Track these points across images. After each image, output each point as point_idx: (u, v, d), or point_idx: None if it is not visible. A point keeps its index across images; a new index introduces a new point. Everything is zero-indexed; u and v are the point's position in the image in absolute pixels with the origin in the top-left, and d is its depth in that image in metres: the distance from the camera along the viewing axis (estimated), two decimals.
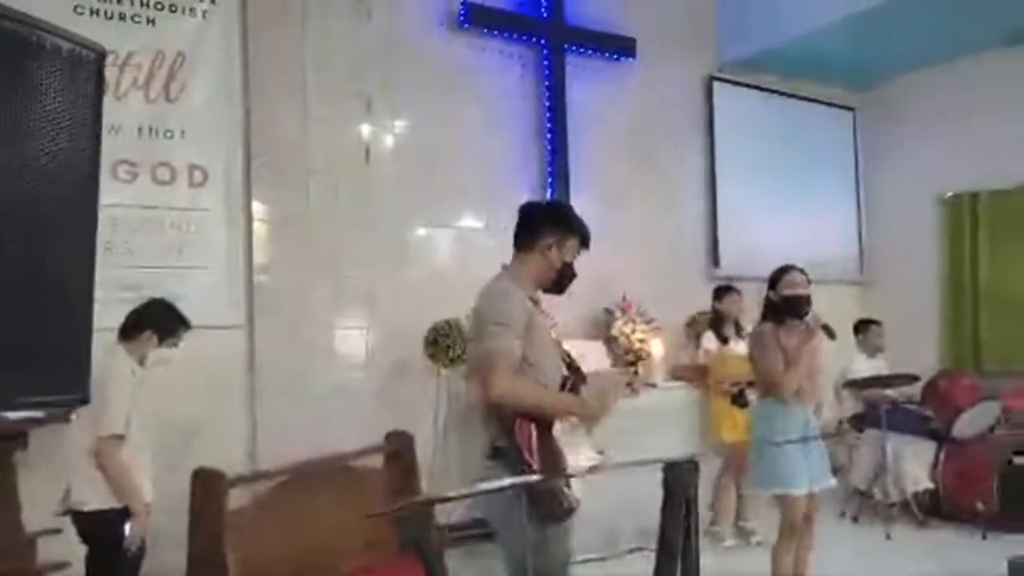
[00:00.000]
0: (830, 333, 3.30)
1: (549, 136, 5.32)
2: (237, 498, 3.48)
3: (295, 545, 3.49)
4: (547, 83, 5.33)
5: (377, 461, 4.15)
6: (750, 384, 4.52)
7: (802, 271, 3.38)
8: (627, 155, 5.74)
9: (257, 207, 4.36)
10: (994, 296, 6.12)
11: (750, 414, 4.55)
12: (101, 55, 1.23)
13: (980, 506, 4.75)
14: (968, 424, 4.99)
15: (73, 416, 2.92)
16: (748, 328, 4.82)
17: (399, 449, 4.20)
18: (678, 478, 1.91)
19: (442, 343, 4.39)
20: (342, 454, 3.98)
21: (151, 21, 4.12)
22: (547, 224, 2.42)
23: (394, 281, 4.73)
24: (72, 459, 2.91)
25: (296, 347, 4.40)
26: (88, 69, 1.21)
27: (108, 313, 3.10)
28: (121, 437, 2.84)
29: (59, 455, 3.10)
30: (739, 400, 4.59)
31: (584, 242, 2.45)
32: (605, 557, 4.18)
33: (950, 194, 6.43)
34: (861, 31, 5.72)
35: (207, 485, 3.28)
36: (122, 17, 4.04)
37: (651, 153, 5.89)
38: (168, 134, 4.12)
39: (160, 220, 4.06)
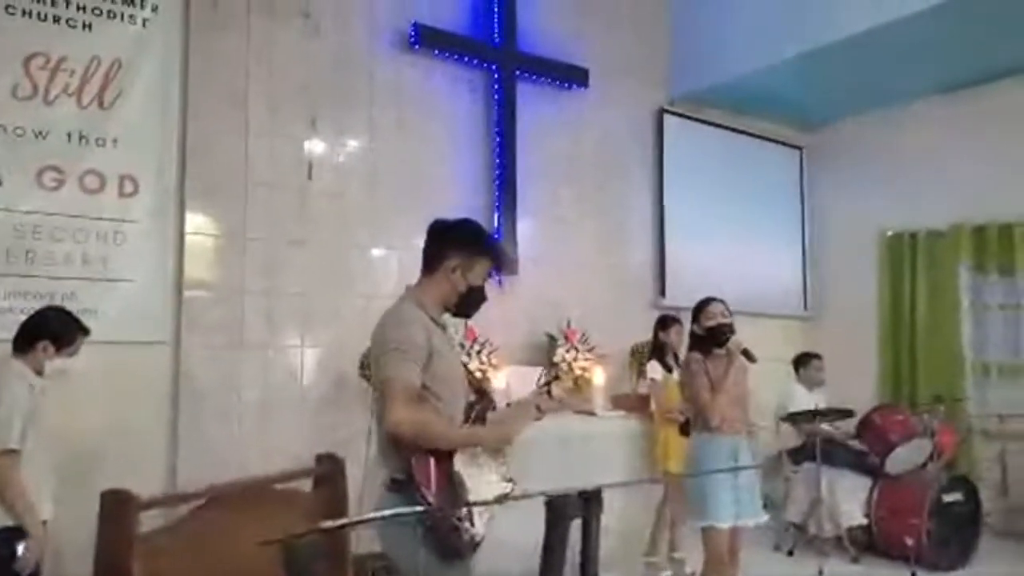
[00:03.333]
0: (749, 357, 3.36)
1: (498, 160, 5.31)
2: (152, 520, 3.34)
3: (210, 572, 3.34)
4: (497, 108, 5.33)
5: (306, 485, 4.03)
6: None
7: (722, 301, 3.47)
8: (576, 183, 5.76)
9: (191, 220, 4.24)
10: (928, 333, 6.25)
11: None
12: None
13: (910, 542, 4.79)
14: (901, 460, 5.05)
15: None
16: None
17: (329, 472, 4.08)
18: (561, 513, 1.84)
19: None
20: (268, 476, 3.84)
21: (87, 26, 4.01)
22: (452, 245, 2.31)
23: (332, 300, 4.64)
24: None
25: (226, 365, 4.27)
26: None
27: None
28: (16, 452, 2.70)
29: None
30: (685, 429, 4.57)
31: (497, 263, 2.37)
32: None
33: (890, 233, 6.59)
34: (809, 72, 5.87)
35: (115, 506, 3.10)
36: (56, 20, 3.93)
37: (600, 182, 5.93)
38: (100, 142, 4.00)
39: (85, 230, 3.92)
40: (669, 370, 4.78)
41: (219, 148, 4.32)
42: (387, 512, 1.86)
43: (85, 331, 3.04)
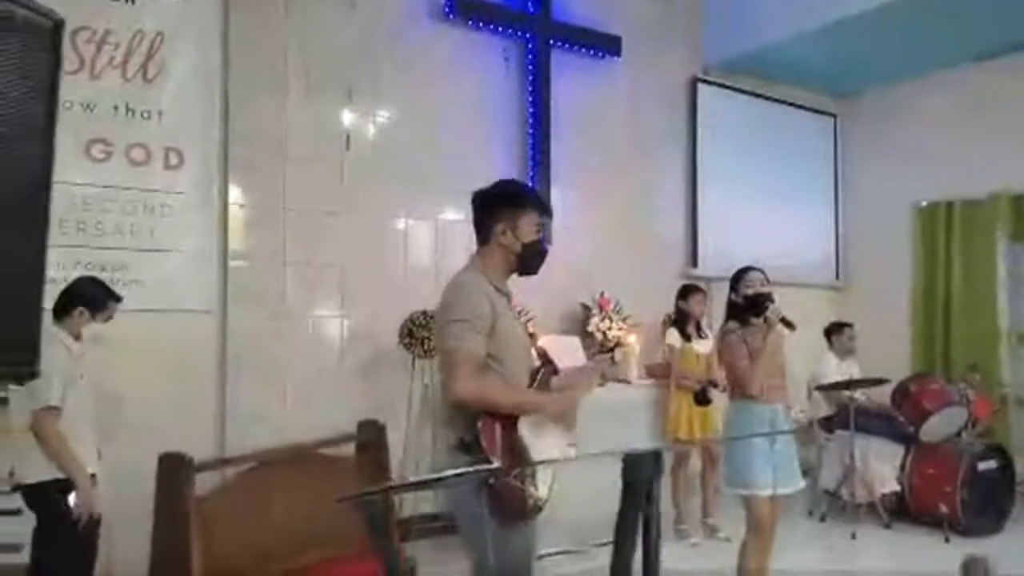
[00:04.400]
0: (789, 325, 3.33)
1: (532, 130, 5.32)
2: (203, 484, 3.47)
3: (261, 533, 3.46)
4: (531, 77, 5.33)
5: (348, 450, 4.14)
6: (711, 383, 4.58)
7: (760, 271, 3.44)
8: (609, 152, 5.75)
9: (234, 192, 4.32)
10: (964, 304, 6.20)
11: (710, 412, 4.61)
12: (58, 24, 1.20)
13: (944, 509, 4.83)
14: (935, 428, 5.06)
15: (7, 395, 2.95)
16: (710, 329, 4.87)
17: (370, 439, 4.18)
18: (637, 469, 1.90)
19: (417, 334, 4.38)
20: (312, 442, 3.95)
21: (130, 0, 4.06)
22: (495, 209, 2.31)
23: (371, 271, 4.71)
24: (12, 437, 2.94)
25: (270, 334, 4.38)
26: (43, 38, 1.18)
27: None
28: (56, 409, 2.87)
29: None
30: (700, 397, 4.62)
31: (542, 212, 2.36)
32: (572, 551, 4.20)
33: (925, 203, 6.51)
34: (843, 39, 5.78)
35: (172, 470, 3.24)
36: None
37: (633, 151, 5.91)
38: (145, 114, 4.07)
39: (133, 201, 4.01)
40: (688, 339, 4.81)
41: (259, 120, 4.38)
42: (458, 471, 1.91)
43: (117, 298, 3.18)
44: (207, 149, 4.22)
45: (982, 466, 4.95)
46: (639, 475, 1.93)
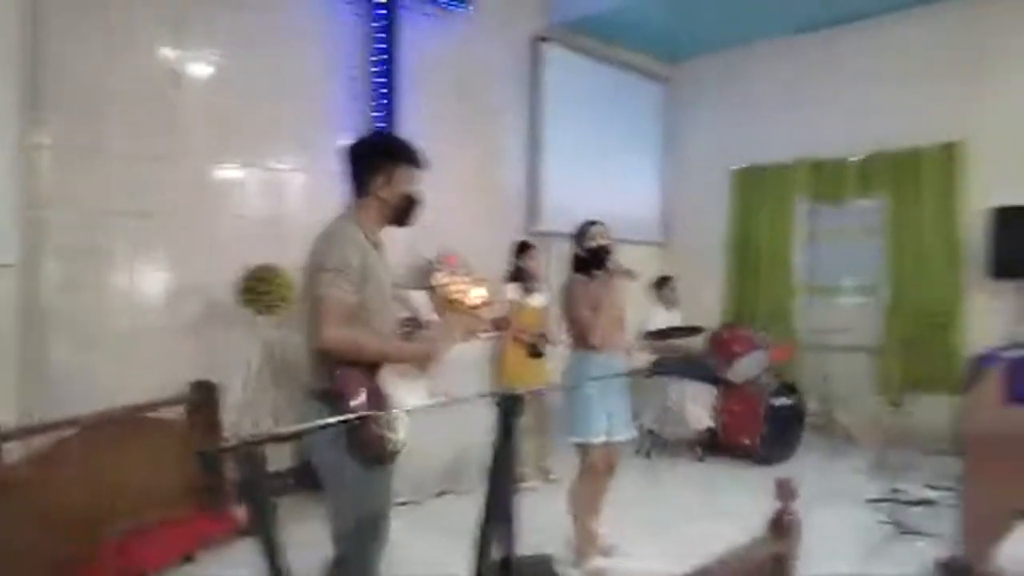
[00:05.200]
0: (630, 275, 3.53)
1: (377, 80, 5.18)
2: (10, 453, 3.17)
3: (86, 499, 3.25)
4: (377, 24, 5.16)
5: (178, 412, 3.93)
6: (542, 336, 4.82)
7: (602, 224, 3.59)
8: (455, 106, 5.75)
9: (39, 133, 3.85)
10: (769, 260, 6.93)
11: (543, 364, 4.86)
12: None
13: (748, 442, 5.47)
14: (741, 370, 5.69)
15: None
16: (544, 284, 5.08)
17: (203, 400, 4.01)
18: (511, 408, 2.05)
19: (260, 289, 4.19)
20: (136, 405, 3.73)
21: None
22: (373, 161, 2.32)
23: (204, 221, 4.43)
24: None
25: (86, 289, 4.01)
26: None
27: None
28: None
29: None
30: (533, 350, 4.86)
31: (419, 165, 2.37)
32: (410, 501, 4.31)
33: (740, 166, 7.13)
34: (677, 4, 6.12)
35: None
36: None
37: (479, 106, 5.94)
38: None
39: None
40: (526, 293, 5.01)
41: (74, 54, 3.90)
42: (319, 422, 1.92)
43: None
44: (5, 82, 3.71)
45: (778, 402, 5.64)
46: (512, 413, 2.07)
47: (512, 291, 4.98)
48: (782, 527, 1.51)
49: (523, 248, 5.10)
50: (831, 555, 3.53)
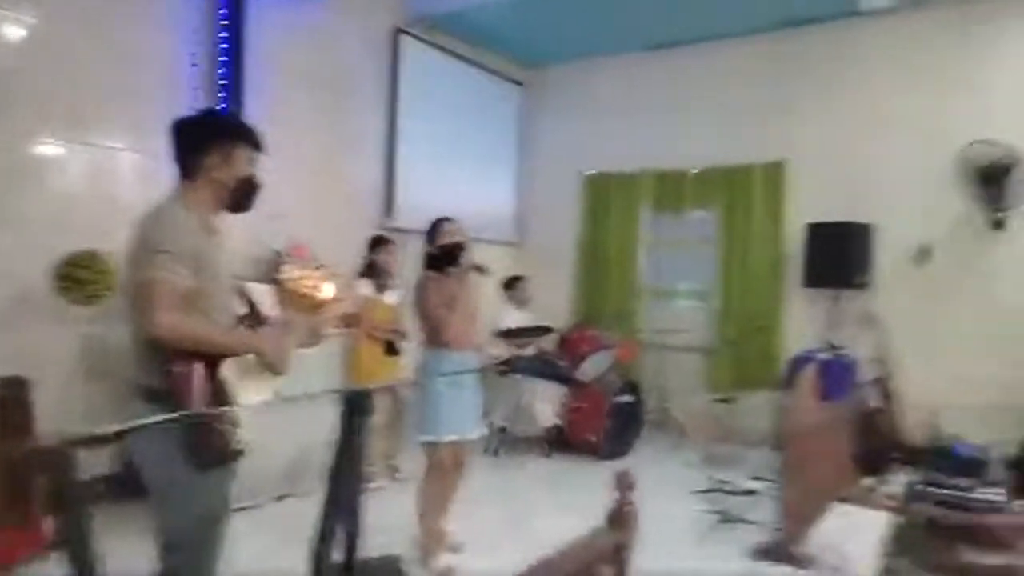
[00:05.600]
0: (482, 271, 3.53)
1: (222, 59, 4.86)
2: None
3: None
4: (224, 6, 4.84)
5: None
6: (397, 332, 4.76)
7: (456, 221, 3.58)
8: (308, 92, 5.52)
9: None
10: (615, 263, 7.25)
11: (397, 362, 4.80)
12: None
13: (593, 438, 5.69)
14: (590, 369, 5.91)
15: None
16: (399, 280, 5.02)
17: (11, 397, 3.59)
18: (357, 406, 1.96)
19: (80, 276, 3.79)
20: None
21: None
22: (205, 141, 2.13)
23: (10, 202, 3.94)
24: None
25: None
26: None
27: None
28: None
29: None
30: (390, 347, 4.79)
31: (256, 146, 2.22)
32: (247, 506, 4.08)
33: (591, 172, 7.41)
34: (531, 11, 6.25)
35: None
36: None
37: (334, 94, 5.75)
38: None
39: None
40: (380, 290, 4.92)
41: None
42: (155, 419, 1.74)
43: None
44: None
45: (620, 400, 5.91)
46: (360, 412, 1.99)
47: (365, 287, 4.86)
48: (621, 517, 1.56)
49: (378, 243, 4.99)
50: (664, 542, 3.73)
